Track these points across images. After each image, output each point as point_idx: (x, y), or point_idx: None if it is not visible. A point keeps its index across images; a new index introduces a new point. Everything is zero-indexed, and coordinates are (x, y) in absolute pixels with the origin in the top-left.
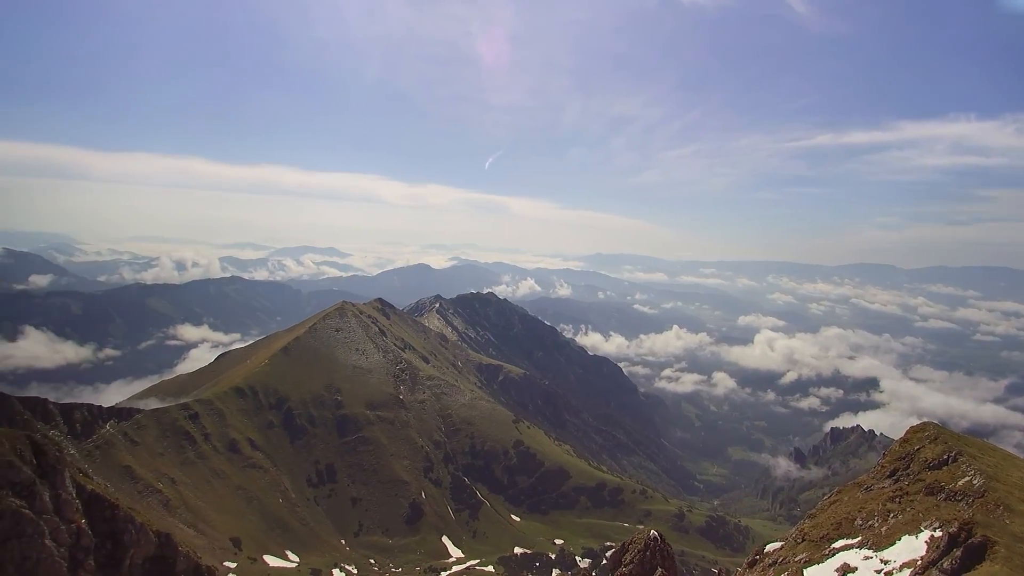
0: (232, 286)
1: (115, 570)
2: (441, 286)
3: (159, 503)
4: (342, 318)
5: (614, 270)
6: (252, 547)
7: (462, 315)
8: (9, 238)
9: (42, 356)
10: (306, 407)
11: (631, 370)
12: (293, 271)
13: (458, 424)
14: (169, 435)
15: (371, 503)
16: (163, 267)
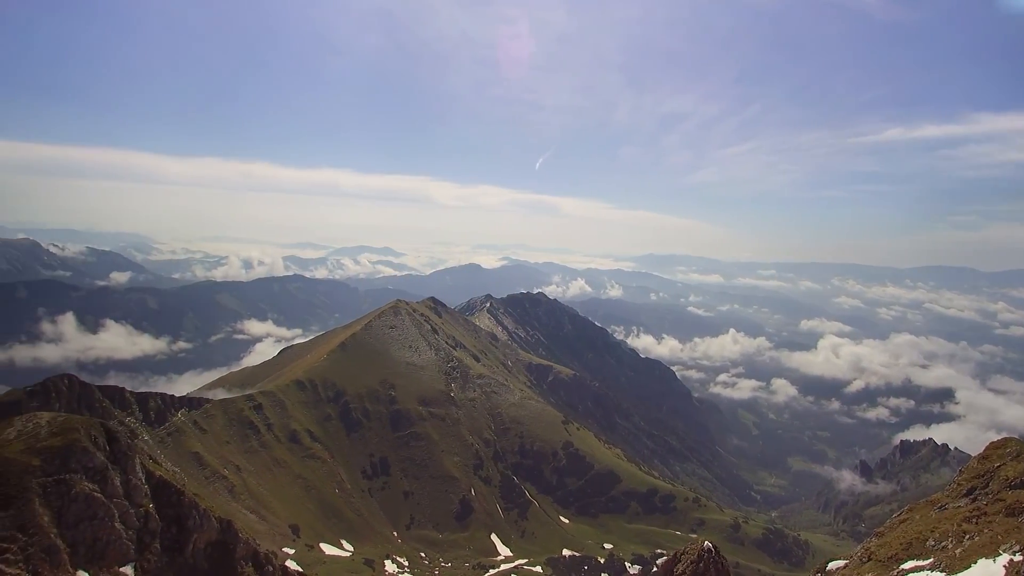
0: (294, 284)
1: (179, 553)
2: (492, 286)
3: (224, 489)
4: (396, 316)
5: (667, 271)
6: (310, 535)
7: (512, 315)
8: (92, 238)
9: (121, 348)
10: (362, 401)
11: (685, 374)
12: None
13: (508, 423)
14: (235, 424)
15: (422, 497)
16: (232, 265)
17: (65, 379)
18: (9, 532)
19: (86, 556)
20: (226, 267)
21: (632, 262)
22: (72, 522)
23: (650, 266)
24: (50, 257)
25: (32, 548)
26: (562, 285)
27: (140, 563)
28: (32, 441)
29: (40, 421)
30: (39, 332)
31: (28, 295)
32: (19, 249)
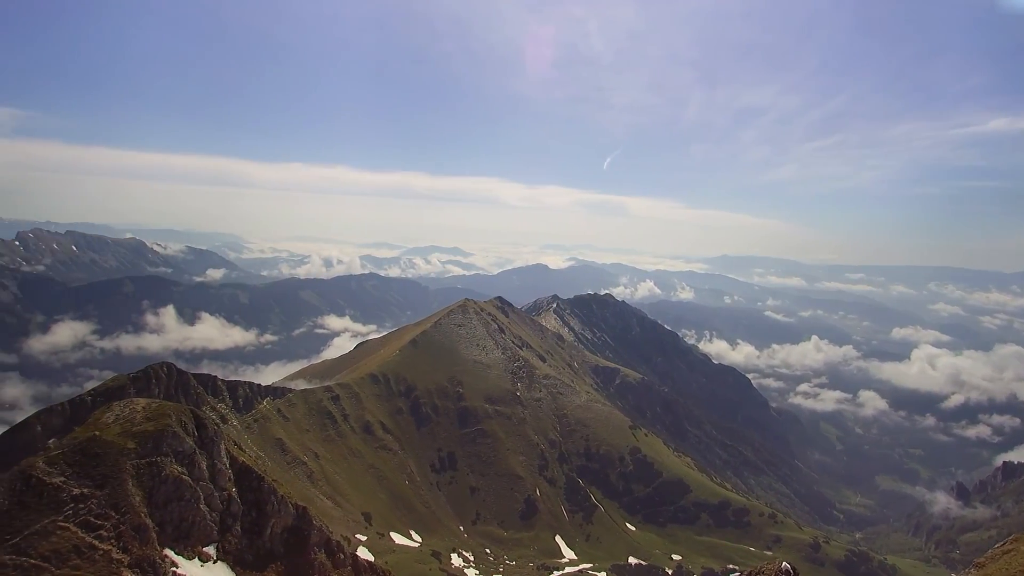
0: (370, 282)
1: (258, 536)
2: (558, 286)
3: (304, 474)
4: (464, 315)
5: (743, 273)
6: (381, 523)
7: (579, 316)
8: (191, 237)
9: (215, 339)
10: (431, 397)
11: (761, 382)
12: (422, 269)
13: (573, 425)
14: (315, 414)
15: (488, 494)
16: (314, 264)
17: (164, 367)
18: (104, 510)
19: (173, 535)
20: (309, 265)
21: (704, 263)
22: (161, 503)
23: (724, 268)
24: (154, 255)
25: (124, 526)
26: (630, 286)
27: (222, 544)
28: (128, 425)
29: (136, 407)
30: (143, 323)
31: (134, 289)
32: (127, 248)
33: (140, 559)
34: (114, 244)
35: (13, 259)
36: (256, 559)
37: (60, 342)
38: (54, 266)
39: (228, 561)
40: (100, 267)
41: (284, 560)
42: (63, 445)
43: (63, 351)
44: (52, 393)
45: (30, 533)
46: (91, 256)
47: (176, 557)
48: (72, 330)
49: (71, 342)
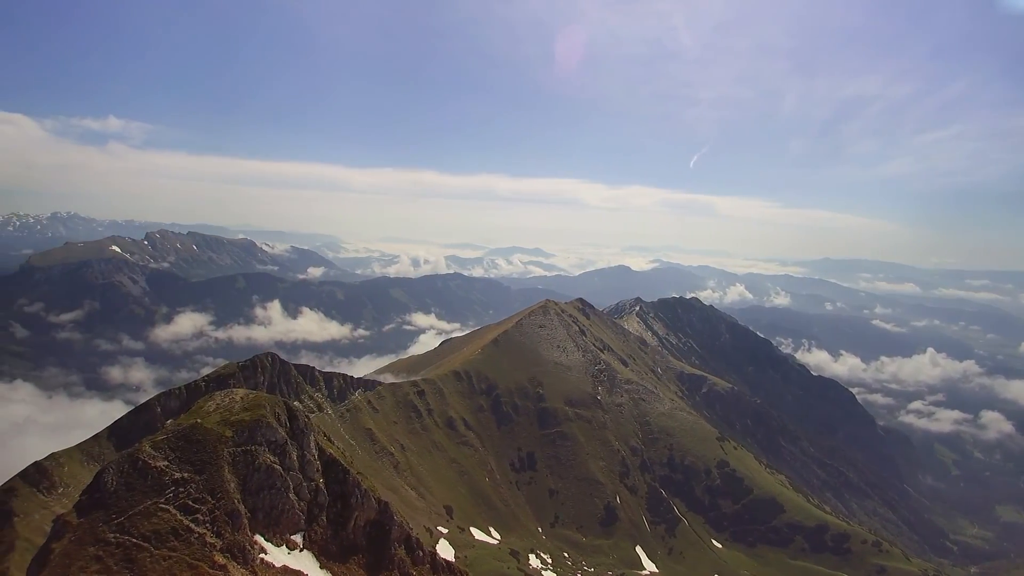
0: (455, 281)
1: (342, 528)
2: (641, 288)
3: (391, 464)
4: (545, 315)
5: (847, 278)
6: (461, 517)
7: (663, 320)
8: (295, 238)
9: (314, 332)
10: (511, 396)
11: (867, 398)
12: (504, 269)
13: (656, 433)
14: (401, 407)
15: (567, 497)
16: (403, 263)
17: (269, 357)
18: (202, 495)
19: (264, 522)
20: (398, 265)
21: (803, 267)
22: (254, 490)
23: (826, 272)
24: (263, 254)
25: (218, 511)
26: (719, 290)
27: (308, 533)
28: (227, 414)
29: (235, 396)
30: (253, 316)
31: (246, 285)
32: (239, 247)
33: (232, 544)
34: (229, 244)
35: (143, 257)
36: (340, 550)
37: (181, 331)
38: (177, 263)
39: (313, 551)
40: (217, 265)
41: (366, 553)
42: (168, 430)
43: (183, 340)
44: (172, 377)
45: (134, 513)
46: (209, 255)
47: (265, 543)
48: (192, 321)
49: (191, 332)
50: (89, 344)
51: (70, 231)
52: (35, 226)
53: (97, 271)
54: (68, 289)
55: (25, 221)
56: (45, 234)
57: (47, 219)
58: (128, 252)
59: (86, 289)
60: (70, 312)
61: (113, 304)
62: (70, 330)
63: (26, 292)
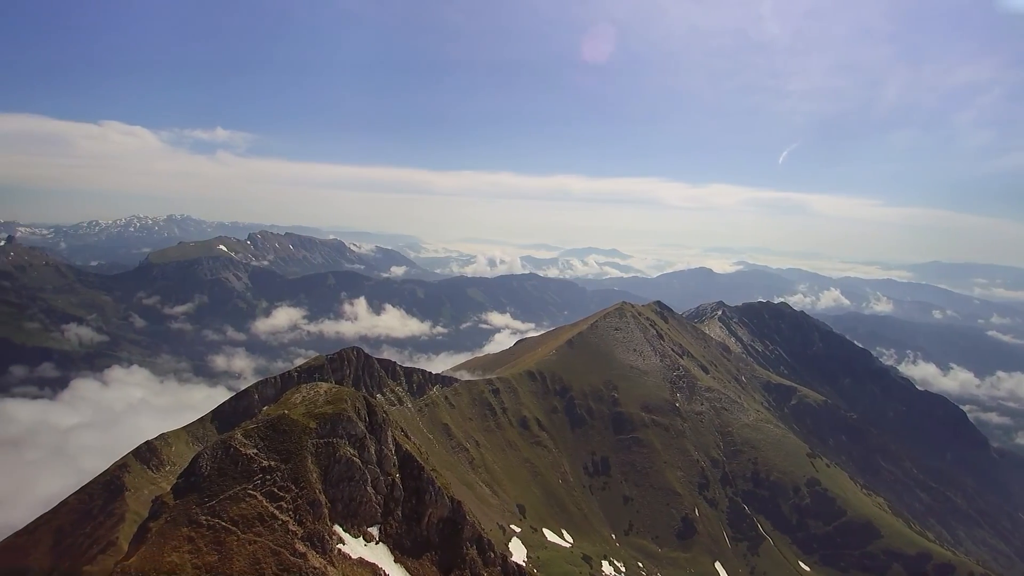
0: (530, 282)
1: (416, 524)
2: (724, 292)
3: (466, 460)
4: (621, 318)
5: (959, 283)
6: (534, 517)
7: (748, 325)
8: (379, 238)
9: (395, 328)
10: (586, 399)
11: (981, 417)
12: (579, 270)
13: (739, 445)
14: (477, 404)
15: (642, 506)
16: (479, 263)
17: (355, 351)
18: (286, 483)
19: (342, 513)
20: (475, 265)
21: (908, 271)
22: (334, 481)
23: (934, 276)
24: (351, 254)
25: (301, 500)
26: (810, 295)
27: (384, 527)
28: (311, 407)
29: (319, 390)
30: (341, 311)
31: (335, 283)
32: (330, 247)
33: (312, 533)
34: (321, 244)
35: (245, 255)
36: (413, 546)
37: (278, 324)
38: (276, 261)
39: (388, 544)
40: (310, 263)
41: (438, 550)
42: (258, 420)
43: (280, 332)
44: (270, 367)
45: (224, 497)
46: (303, 254)
47: (343, 534)
48: (288, 315)
49: (286, 325)
50: (198, 334)
51: (183, 232)
52: (153, 227)
53: (206, 268)
54: (181, 284)
55: (144, 223)
56: (162, 234)
57: (164, 221)
58: (233, 251)
59: (196, 284)
60: (182, 305)
61: (220, 298)
62: (182, 321)
63: (145, 286)
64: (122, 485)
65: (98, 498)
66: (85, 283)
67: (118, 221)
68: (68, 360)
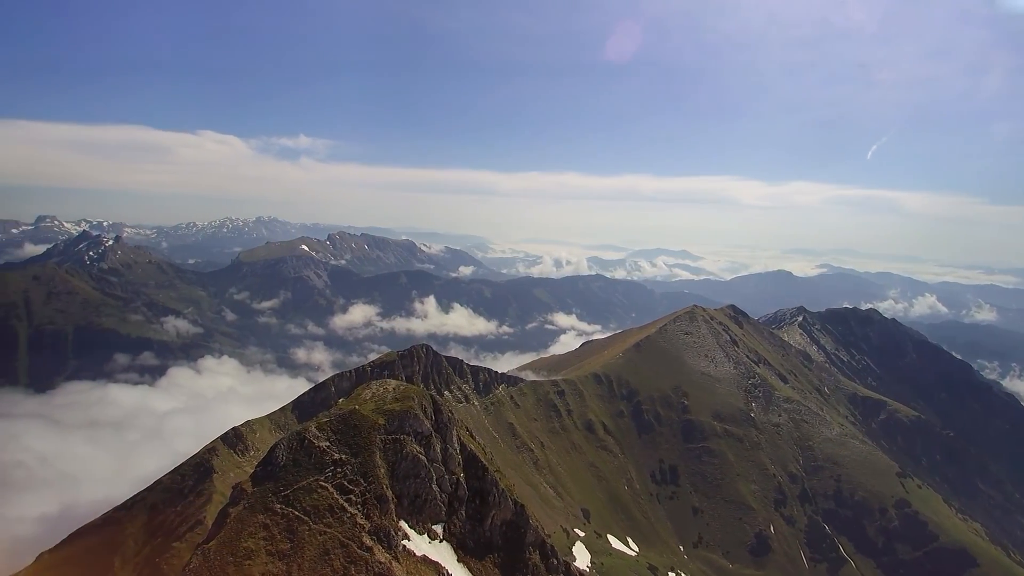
0: (596, 283)
1: (479, 524)
2: (805, 296)
3: (530, 460)
4: (692, 322)
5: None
6: (598, 522)
7: (832, 333)
8: (448, 239)
9: (463, 326)
10: (654, 404)
11: None
12: (647, 272)
13: (821, 461)
14: (542, 405)
15: (713, 518)
16: (545, 264)
17: (424, 348)
18: (356, 477)
19: (408, 509)
20: (541, 265)
21: (1014, 275)
22: (401, 477)
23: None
24: (421, 254)
25: (369, 494)
26: (903, 301)
27: (448, 525)
28: (380, 403)
29: (388, 387)
30: (412, 309)
31: (407, 282)
32: (402, 247)
33: (378, 527)
34: (393, 244)
35: (325, 255)
36: (476, 546)
37: (354, 320)
38: (352, 261)
39: (452, 543)
40: (383, 262)
41: (501, 553)
42: (331, 413)
43: (356, 328)
44: (345, 360)
45: (298, 488)
46: (377, 253)
47: (408, 530)
48: (363, 312)
49: (361, 321)
50: (282, 328)
51: (270, 232)
52: (243, 228)
53: (290, 266)
54: (268, 281)
55: (236, 224)
56: (251, 235)
57: (252, 222)
58: (314, 251)
59: (281, 281)
60: (268, 301)
61: (302, 295)
62: (268, 316)
63: (235, 283)
64: (211, 468)
65: (189, 478)
66: (183, 279)
67: (213, 222)
68: (166, 350)
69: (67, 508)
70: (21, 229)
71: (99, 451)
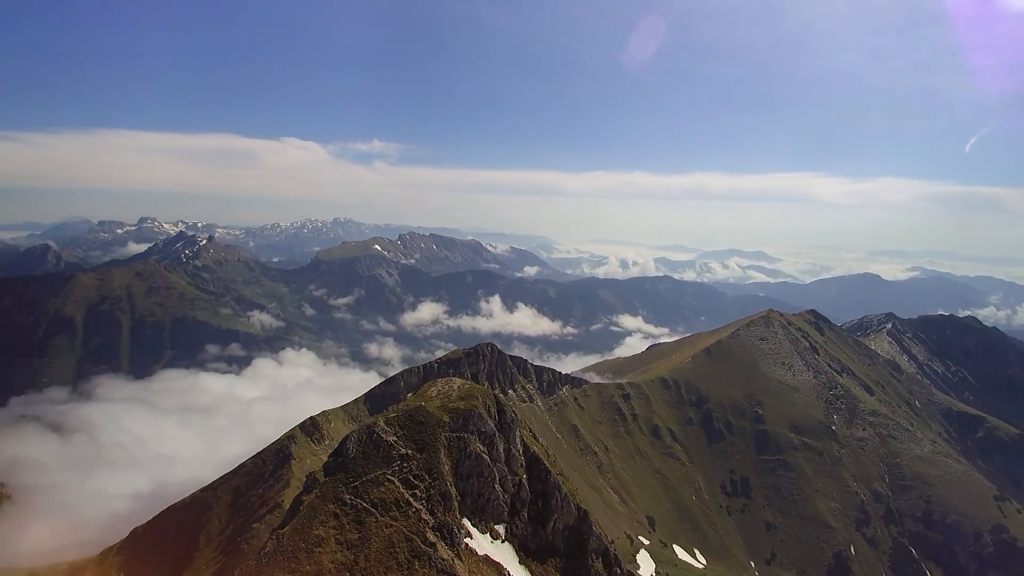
0: (664, 284)
1: (541, 527)
2: (894, 302)
3: (593, 463)
4: (768, 327)
5: None
6: (664, 532)
7: (925, 342)
8: (513, 239)
9: (527, 326)
10: (724, 412)
11: None
12: (719, 274)
13: (909, 480)
14: (606, 408)
15: (787, 535)
16: (611, 265)
17: (489, 346)
18: (421, 472)
19: (471, 508)
20: (607, 266)
21: None
22: (464, 475)
23: None
24: (487, 254)
25: (433, 490)
26: (1005, 307)
27: (510, 526)
28: (445, 400)
29: (453, 385)
30: (478, 308)
31: (473, 281)
32: (468, 247)
33: (442, 524)
34: (460, 244)
35: (396, 254)
36: (538, 549)
37: (422, 318)
38: (421, 260)
39: (514, 544)
40: (451, 262)
41: (563, 558)
42: (399, 409)
43: (424, 325)
44: (414, 356)
45: (367, 480)
46: (445, 253)
47: (471, 528)
48: (431, 310)
49: (429, 318)
50: (356, 324)
51: (346, 233)
52: (322, 229)
53: (364, 265)
54: (343, 279)
55: (315, 225)
56: (329, 235)
57: (330, 223)
58: (386, 250)
59: (356, 280)
60: (344, 297)
61: (374, 292)
62: (343, 312)
63: (314, 280)
64: (289, 454)
65: (269, 463)
66: (268, 276)
67: (294, 223)
68: (252, 341)
69: (159, 487)
70: (125, 229)
71: (190, 434)
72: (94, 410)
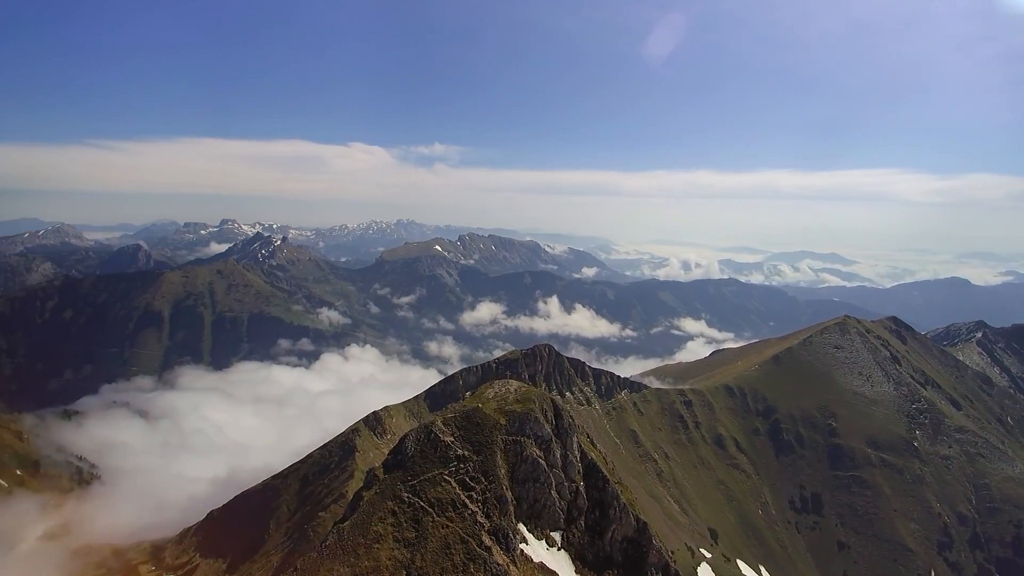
0: (729, 287)
1: (599, 537)
2: (986, 309)
3: (653, 471)
4: (843, 334)
5: None
6: (727, 545)
7: (1019, 352)
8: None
9: (585, 327)
10: (794, 424)
11: None
12: (789, 277)
13: (999, 502)
14: (667, 414)
15: (862, 557)
16: (672, 266)
17: (546, 348)
18: (477, 474)
19: (527, 513)
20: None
21: None
22: (520, 480)
23: None
24: (545, 254)
25: (489, 493)
26: None
27: (567, 534)
28: (502, 403)
29: (510, 387)
30: (536, 309)
31: (531, 281)
32: (527, 248)
33: (497, 527)
34: (518, 245)
35: (456, 254)
36: (595, 560)
37: (481, 318)
38: (480, 261)
39: (570, 553)
40: (509, 263)
41: (621, 570)
42: (456, 409)
43: (482, 324)
44: (472, 355)
45: (424, 479)
46: (503, 254)
47: (527, 533)
48: (489, 310)
49: (488, 318)
50: (417, 322)
51: (409, 233)
52: (386, 230)
53: (425, 265)
54: (406, 279)
55: (380, 226)
56: (392, 236)
57: (393, 224)
58: (446, 251)
59: (417, 279)
60: (406, 296)
61: (435, 292)
62: (405, 310)
63: (378, 279)
64: (353, 446)
65: (335, 455)
66: (336, 275)
67: (361, 225)
68: (320, 337)
69: (234, 472)
70: (208, 230)
71: (263, 423)
72: (177, 398)
